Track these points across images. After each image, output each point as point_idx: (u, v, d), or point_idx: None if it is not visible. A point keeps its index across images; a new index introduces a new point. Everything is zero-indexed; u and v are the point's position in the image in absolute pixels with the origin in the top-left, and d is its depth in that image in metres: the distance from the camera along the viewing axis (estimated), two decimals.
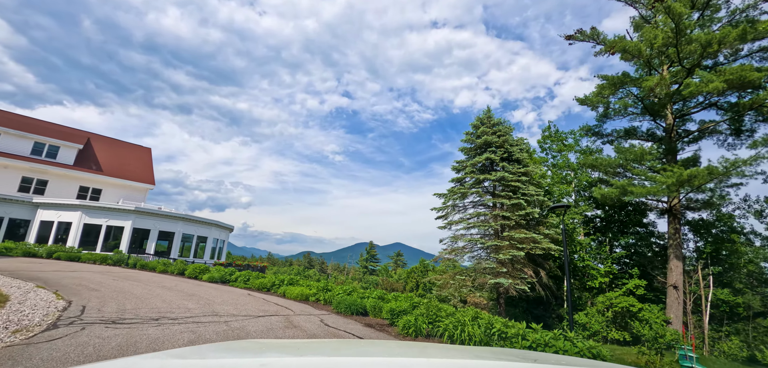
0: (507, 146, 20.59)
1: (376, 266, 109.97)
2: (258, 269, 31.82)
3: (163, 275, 19.71)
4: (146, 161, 41.73)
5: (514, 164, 20.46)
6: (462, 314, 8.87)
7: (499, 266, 17.71)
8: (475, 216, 21.64)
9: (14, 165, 31.55)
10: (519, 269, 18.14)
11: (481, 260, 20.71)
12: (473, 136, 22.48)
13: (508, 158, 20.99)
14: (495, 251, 18.26)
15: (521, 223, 19.39)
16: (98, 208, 27.01)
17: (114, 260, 23.44)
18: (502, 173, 20.08)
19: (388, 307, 9.48)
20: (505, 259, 17.37)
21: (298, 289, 13.92)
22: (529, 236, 18.33)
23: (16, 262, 18.49)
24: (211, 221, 31.84)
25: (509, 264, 17.93)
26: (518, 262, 18.31)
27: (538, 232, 18.84)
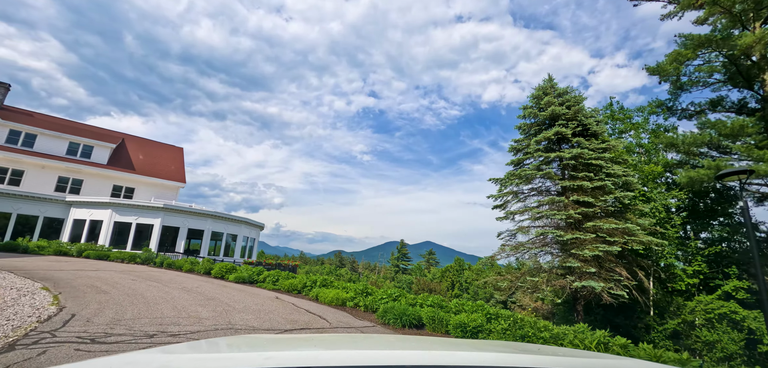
0: (581, 117, 17.27)
1: (408, 265, 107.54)
2: (288, 268, 30.27)
3: (188, 274, 18.28)
4: (178, 160, 41.49)
5: (591, 138, 17.20)
6: (563, 331, 6.31)
7: (585, 265, 14.44)
8: (545, 203, 17.97)
9: (51, 165, 31.73)
10: (609, 269, 14.80)
11: (556, 258, 17.23)
12: (534, 109, 19.20)
13: (584, 132, 17.65)
14: (577, 245, 14.95)
15: (609, 210, 16.15)
16: (128, 206, 26.33)
17: (142, 259, 22.46)
18: (578, 150, 16.62)
19: (457, 320, 7.08)
20: (589, 256, 14.11)
21: (333, 292, 11.78)
22: (621, 226, 14.89)
23: (42, 261, 17.64)
24: (241, 218, 30.62)
25: (594, 262, 14.63)
26: (607, 260, 14.99)
27: (630, 221, 15.34)
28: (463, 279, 62.27)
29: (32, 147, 31.79)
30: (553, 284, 15.63)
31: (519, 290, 19.10)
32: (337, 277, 74.37)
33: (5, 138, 31.07)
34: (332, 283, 13.94)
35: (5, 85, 34.49)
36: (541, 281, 16.07)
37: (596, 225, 14.58)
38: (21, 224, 26.74)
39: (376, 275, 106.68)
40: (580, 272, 14.49)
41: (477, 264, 65.15)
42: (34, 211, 26.99)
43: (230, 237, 30.17)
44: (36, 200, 27.22)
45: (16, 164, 30.84)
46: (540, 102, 18.29)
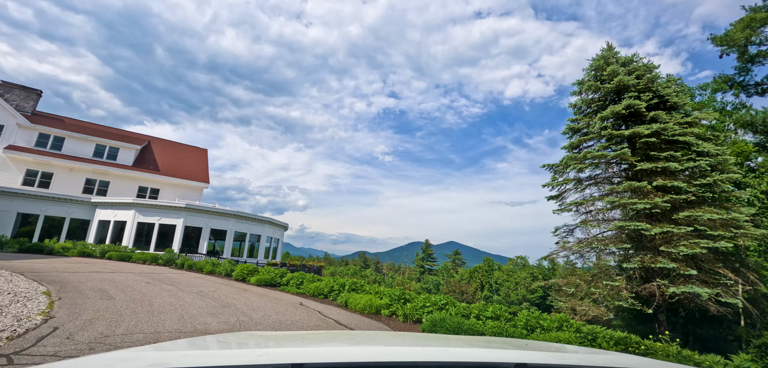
0: (656, 87, 14.68)
1: (433, 265, 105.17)
2: (313, 270, 29.00)
3: (208, 276, 17.18)
4: (202, 161, 41.25)
5: (671, 112, 14.66)
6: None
7: (682, 267, 11.73)
8: (619, 191, 14.76)
9: (79, 167, 31.86)
10: (707, 270, 11.99)
11: (635, 256, 14.01)
12: (594, 82, 16.57)
13: (661, 105, 14.91)
14: (666, 241, 12.26)
15: (706, 197, 13.38)
16: (150, 206, 25.77)
17: (164, 260, 21.67)
18: (658, 126, 13.63)
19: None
20: (684, 254, 11.32)
21: (365, 298, 10.16)
22: (724, 217, 11.76)
23: (62, 262, 16.97)
24: (264, 218, 29.64)
25: (691, 262, 11.93)
26: (706, 259, 12.19)
27: (732, 210, 12.42)
28: (493, 279, 59.55)
29: (60, 150, 32.03)
30: (636, 289, 12.98)
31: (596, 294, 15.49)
32: (362, 278, 73.08)
33: (35, 141, 31.42)
34: (363, 287, 12.33)
35: (37, 92, 35.05)
36: (622, 285, 13.32)
37: (692, 216, 11.96)
38: (49, 225, 26.71)
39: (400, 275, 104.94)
40: (674, 275, 11.91)
41: (507, 264, 62.19)
42: (61, 212, 26.91)
43: (254, 238, 29.24)
44: (62, 201, 27.15)
45: (45, 167, 31.12)
46: (601, 73, 15.72)
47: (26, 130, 31.32)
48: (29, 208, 26.31)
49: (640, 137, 14.20)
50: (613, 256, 14.80)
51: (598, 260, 15.59)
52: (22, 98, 33.51)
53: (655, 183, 12.94)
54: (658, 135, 13.90)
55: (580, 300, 15.06)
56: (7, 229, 25.46)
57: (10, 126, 30.93)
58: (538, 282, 58.34)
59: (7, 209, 25.72)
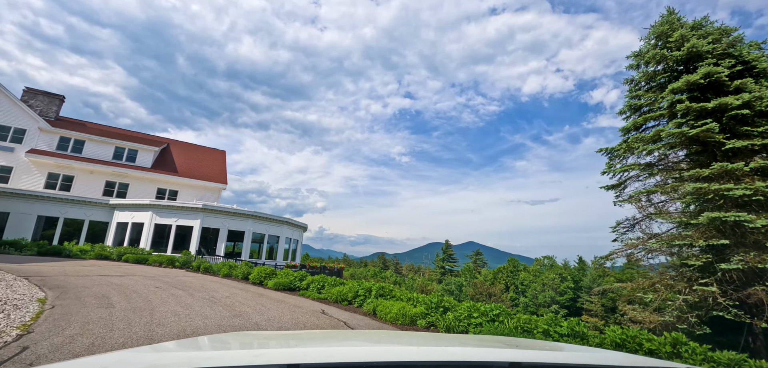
0: (739, 52, 12.58)
1: (454, 266, 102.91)
2: (334, 272, 27.85)
3: (223, 280, 16.17)
4: (220, 163, 40.86)
5: (761, 80, 12.54)
6: None
7: None
8: (705, 176, 12.37)
9: (99, 170, 31.76)
10: None
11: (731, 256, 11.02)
12: (657, 51, 14.26)
13: (747, 72, 12.70)
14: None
15: None
16: (167, 207, 25.19)
17: (180, 263, 20.93)
18: (750, 95, 11.51)
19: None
20: None
21: (397, 306, 8.78)
22: None
23: (76, 265, 16.32)
24: (283, 218, 28.70)
25: None
26: None
27: None
28: (518, 280, 57.17)
29: (81, 153, 32.02)
30: (737, 295, 10.85)
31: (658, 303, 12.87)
32: (383, 279, 71.73)
33: (56, 145, 31.48)
34: (392, 293, 10.95)
35: (60, 98, 35.28)
36: (716, 290, 11.12)
37: None
38: (68, 228, 26.52)
39: (420, 276, 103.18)
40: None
41: (533, 265, 59.67)
42: (80, 215, 26.69)
43: (272, 239, 28.35)
44: (81, 203, 26.93)
45: (66, 170, 31.13)
46: (667, 40, 13.66)
47: (47, 134, 31.43)
48: (49, 211, 26.16)
49: (728, 110, 12.10)
50: (695, 256, 12.48)
51: (676, 259, 13.18)
52: (45, 103, 33.75)
53: (752, 164, 10.93)
54: (751, 106, 11.84)
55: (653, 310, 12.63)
56: (28, 232, 25.34)
57: (31, 130, 31.08)
58: (566, 284, 55.68)
59: (28, 212, 25.62)
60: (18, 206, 25.49)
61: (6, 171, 29.84)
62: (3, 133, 30.34)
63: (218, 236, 25.32)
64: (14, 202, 25.50)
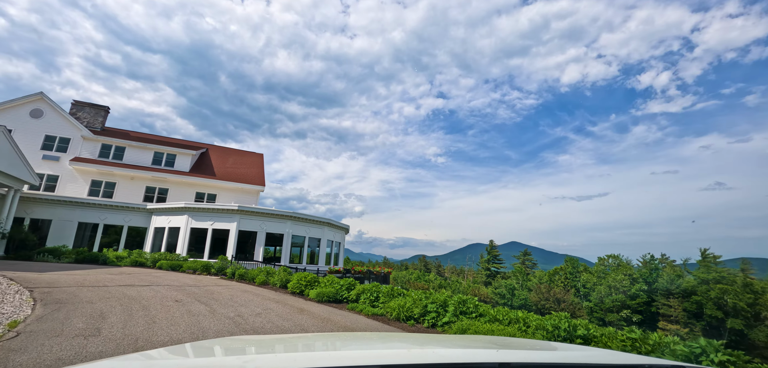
0: None
1: (500, 268, 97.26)
2: (381, 277, 25.15)
3: (259, 289, 13.89)
4: (258, 166, 39.65)
5: None
6: None
7: None
8: None
9: (139, 176, 31.29)
10: None
11: None
12: None
13: None
14: None
15: None
16: (203, 210, 23.68)
17: (216, 269, 19.11)
18: None
19: None
20: None
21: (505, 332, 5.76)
22: None
23: (102, 273, 14.74)
24: (324, 219, 26.46)
25: None
26: None
27: None
28: (580, 282, 51.62)
29: (122, 159, 31.73)
30: None
31: None
32: (427, 283, 68.31)
33: (98, 153, 31.36)
34: (477, 309, 7.93)
35: (105, 109, 35.47)
36: None
37: None
38: (108, 234, 25.84)
39: (464, 279, 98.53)
40: None
41: (596, 265, 53.84)
42: (119, 221, 25.92)
43: (313, 243, 26.16)
44: (120, 209, 26.18)
45: (108, 177, 30.88)
46: None
47: (90, 142, 31.39)
48: (89, 217, 25.56)
49: None
50: None
51: None
52: (92, 115, 33.93)
53: None
54: None
55: None
56: (69, 239, 24.82)
57: (75, 139, 31.17)
58: (638, 286, 49.45)
59: (69, 218, 25.14)
60: (60, 214, 25.08)
61: (52, 180, 29.99)
62: (49, 143, 30.60)
63: (256, 240, 23.42)
64: (56, 209, 25.11)
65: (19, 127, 30.39)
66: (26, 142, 30.11)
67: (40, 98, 31.60)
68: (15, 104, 30.93)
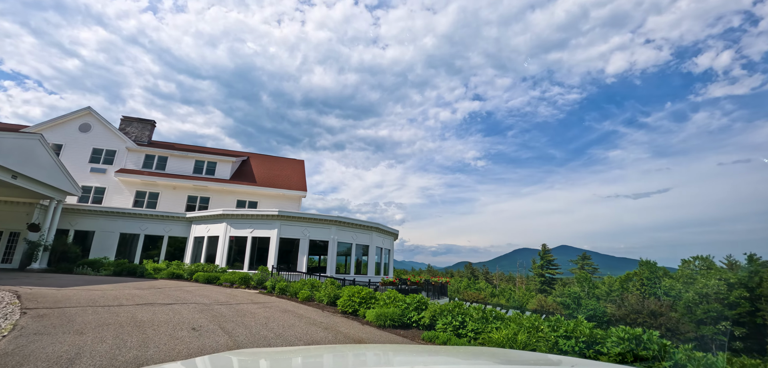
0: None
1: (555, 274, 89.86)
2: (439, 288, 21.95)
3: (303, 306, 11.30)
4: (299, 172, 38.01)
5: None
6: None
7: None
8: None
9: (180, 185, 30.50)
10: None
11: None
12: None
13: None
14: None
15: None
16: (242, 216, 21.83)
17: (256, 281, 16.94)
18: None
19: None
20: None
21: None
22: None
23: (129, 288, 12.92)
24: (372, 224, 23.79)
25: None
26: None
27: None
28: (660, 289, 44.94)
29: (164, 169, 31.16)
30: None
31: None
32: (477, 291, 63.69)
33: (142, 163, 30.98)
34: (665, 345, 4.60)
35: (151, 123, 35.44)
36: None
37: None
38: (149, 245, 24.80)
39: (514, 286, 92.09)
40: None
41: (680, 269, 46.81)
42: (159, 231, 24.81)
43: (360, 250, 23.51)
44: (160, 219, 25.09)
45: (151, 187, 30.34)
46: None
47: (134, 153, 31.12)
48: (130, 227, 24.66)
49: None
50: None
51: None
52: (139, 129, 33.92)
53: None
54: None
55: None
56: (111, 250, 23.98)
57: (121, 151, 31.02)
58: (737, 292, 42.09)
59: (111, 229, 24.36)
60: (102, 225, 24.37)
61: (99, 192, 29.89)
62: (96, 155, 30.65)
63: (298, 247, 21.15)
64: (98, 220, 24.43)
65: (69, 141, 30.71)
66: (75, 155, 30.36)
67: (88, 112, 31.89)
68: (65, 120, 31.37)
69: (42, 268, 20.97)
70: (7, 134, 16.91)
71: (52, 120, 31.07)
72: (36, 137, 18.75)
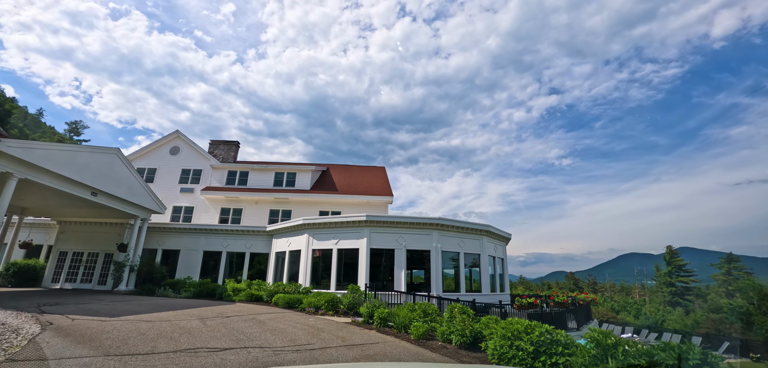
0: None
1: (690, 282, 73.42)
2: (584, 306, 15.92)
3: (425, 351, 6.82)
4: (382, 178, 34.49)
5: None
6: None
7: None
8: None
9: (262, 199, 28.83)
10: None
11: None
12: None
13: None
14: None
15: None
16: (325, 225, 18.47)
17: (346, 305, 13.10)
18: None
19: None
20: None
21: None
22: None
23: (193, 319, 9.91)
24: (482, 226, 18.76)
25: None
26: None
27: None
28: None
29: (246, 184, 29.92)
30: None
31: None
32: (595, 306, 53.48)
33: (225, 180, 30.13)
34: None
35: (235, 144, 35.19)
36: None
37: None
38: (231, 263, 22.86)
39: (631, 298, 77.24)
40: None
41: None
42: (241, 247, 22.76)
43: (469, 259, 18.49)
44: (241, 234, 23.08)
45: (234, 203, 29.16)
46: None
47: (218, 170, 30.47)
48: (212, 245, 23.00)
49: None
50: None
51: None
52: (225, 151, 33.74)
53: None
54: None
55: None
56: (195, 270, 22.45)
57: (206, 170, 30.62)
58: None
59: (194, 248, 22.95)
60: (186, 243, 23.08)
61: (189, 211, 29.55)
62: (185, 176, 30.61)
63: (393, 260, 16.97)
64: (182, 238, 23.22)
65: (162, 165, 31.22)
66: (167, 177, 30.69)
67: (177, 136, 32.33)
68: (158, 145, 32.10)
69: (129, 290, 19.88)
70: (82, 147, 15.73)
71: (146, 147, 31.97)
72: (113, 151, 17.60)
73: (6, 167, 12.54)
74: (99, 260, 22.77)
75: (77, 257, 23.13)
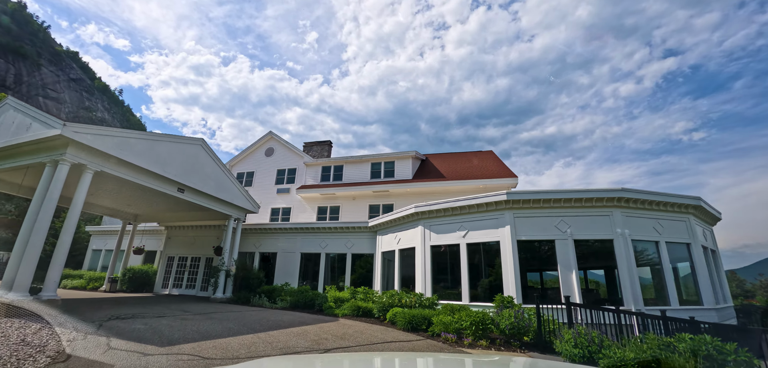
0: None
1: None
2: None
3: None
4: (493, 159, 28.70)
5: None
6: None
7: None
8: None
9: (360, 194, 25.57)
10: None
11: None
12: None
13: None
14: None
15: None
16: (446, 211, 13.82)
17: (505, 331, 8.24)
18: None
19: None
20: None
21: None
22: None
23: (278, 349, 6.20)
24: (688, 199, 12.16)
25: None
26: None
27: None
28: None
29: (341, 179, 27.06)
30: None
31: None
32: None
33: (319, 177, 27.73)
34: None
35: (328, 143, 33.34)
36: None
37: None
38: (332, 267, 19.69)
39: None
40: None
41: None
42: (341, 247, 19.43)
43: (674, 251, 11.95)
44: (340, 231, 19.76)
45: (331, 201, 26.46)
46: None
47: (312, 167, 28.27)
48: (310, 246, 20.15)
49: None
50: None
51: None
52: (318, 151, 31.96)
53: None
54: None
55: None
56: (294, 274, 19.79)
57: (300, 168, 28.71)
58: None
59: (291, 250, 20.38)
60: (283, 244, 20.66)
61: (286, 213, 27.83)
62: (280, 176, 29.18)
63: (554, 254, 11.49)
64: (279, 240, 20.86)
65: (259, 167, 30.38)
66: (264, 179, 29.63)
67: (270, 137, 31.31)
68: (253, 149, 31.44)
69: (225, 298, 17.82)
70: (161, 136, 13.74)
71: (243, 151, 31.55)
72: (197, 141, 15.53)
73: (77, 157, 10.63)
74: (201, 265, 21.68)
75: (182, 262, 22.46)
